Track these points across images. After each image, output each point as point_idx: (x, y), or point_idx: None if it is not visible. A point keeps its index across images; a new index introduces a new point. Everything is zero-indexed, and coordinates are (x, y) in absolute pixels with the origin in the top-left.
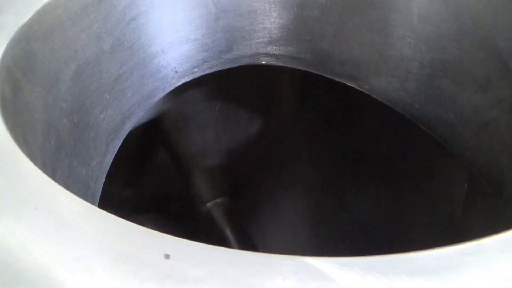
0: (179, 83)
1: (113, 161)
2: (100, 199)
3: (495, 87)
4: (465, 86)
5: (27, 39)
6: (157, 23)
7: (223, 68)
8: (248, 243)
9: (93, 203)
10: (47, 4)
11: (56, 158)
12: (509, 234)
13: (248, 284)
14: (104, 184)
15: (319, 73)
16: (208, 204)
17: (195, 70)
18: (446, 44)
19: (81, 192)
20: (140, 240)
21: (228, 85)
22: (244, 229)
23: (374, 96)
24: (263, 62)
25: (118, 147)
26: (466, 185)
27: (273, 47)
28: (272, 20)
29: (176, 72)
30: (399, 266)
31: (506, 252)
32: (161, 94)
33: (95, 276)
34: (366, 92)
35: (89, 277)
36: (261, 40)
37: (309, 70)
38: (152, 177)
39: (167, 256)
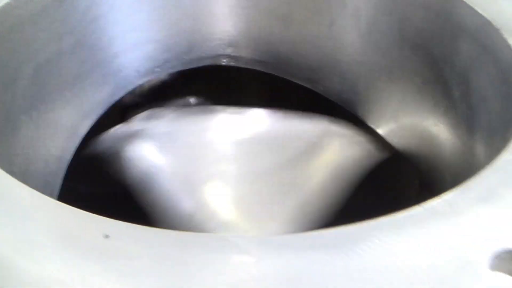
0: (141, 82)
1: (73, 158)
2: (59, 195)
3: (432, 90)
4: (407, 89)
5: None
6: (118, 24)
7: (184, 68)
8: None
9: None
10: (6, 4)
11: (13, 153)
12: (419, 209)
13: (176, 259)
14: (64, 179)
15: (277, 75)
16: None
17: (157, 69)
18: (391, 50)
19: (39, 186)
20: (82, 222)
21: (189, 85)
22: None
23: (328, 97)
24: (223, 63)
25: (77, 144)
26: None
27: (233, 49)
28: (232, 23)
29: (137, 71)
30: (310, 242)
31: (415, 225)
32: (122, 92)
33: (42, 256)
34: (321, 93)
35: (37, 256)
36: (221, 42)
37: (268, 71)
38: (114, 175)
39: (106, 236)
